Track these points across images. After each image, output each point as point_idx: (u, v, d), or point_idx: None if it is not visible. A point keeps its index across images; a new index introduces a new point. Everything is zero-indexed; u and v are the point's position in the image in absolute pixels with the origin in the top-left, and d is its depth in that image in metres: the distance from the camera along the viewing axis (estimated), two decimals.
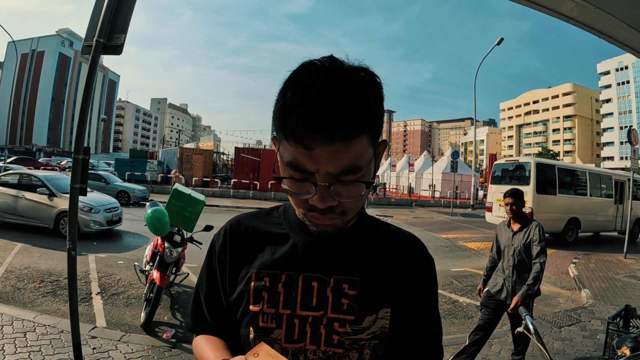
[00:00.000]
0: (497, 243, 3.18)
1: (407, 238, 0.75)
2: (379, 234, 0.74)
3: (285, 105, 0.56)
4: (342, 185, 0.58)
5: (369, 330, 0.65)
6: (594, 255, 8.94)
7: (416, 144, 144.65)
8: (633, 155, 9.24)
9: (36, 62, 72.59)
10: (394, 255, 0.71)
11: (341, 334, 0.65)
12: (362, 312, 0.66)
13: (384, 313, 0.67)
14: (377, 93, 0.59)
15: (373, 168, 0.63)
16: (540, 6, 1.97)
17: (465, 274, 6.77)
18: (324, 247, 0.69)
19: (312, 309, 0.66)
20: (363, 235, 0.72)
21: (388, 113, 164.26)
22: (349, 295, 0.66)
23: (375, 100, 0.58)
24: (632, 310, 2.74)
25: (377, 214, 16.01)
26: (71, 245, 2.57)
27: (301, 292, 0.67)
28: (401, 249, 0.73)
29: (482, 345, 3.15)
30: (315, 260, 0.68)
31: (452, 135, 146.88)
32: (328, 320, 0.65)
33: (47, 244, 6.87)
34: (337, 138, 0.54)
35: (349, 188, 0.59)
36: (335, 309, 0.66)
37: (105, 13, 2.58)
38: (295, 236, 0.71)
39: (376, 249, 0.71)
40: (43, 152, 57.25)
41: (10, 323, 3.49)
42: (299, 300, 0.66)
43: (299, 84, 0.56)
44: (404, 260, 0.71)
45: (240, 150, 22.98)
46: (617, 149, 67.76)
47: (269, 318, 0.66)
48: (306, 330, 0.65)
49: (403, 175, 34.23)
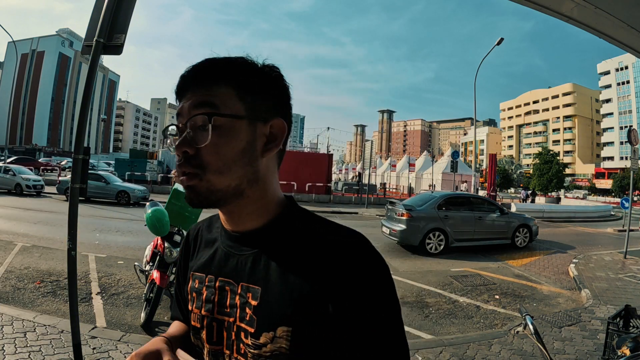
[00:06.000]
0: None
1: (341, 243, 0.60)
2: (307, 236, 0.62)
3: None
4: (198, 129, 0.58)
5: (266, 348, 0.59)
6: (594, 255, 8.93)
7: (416, 144, 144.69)
8: (633, 155, 9.24)
9: (36, 62, 72.57)
10: (311, 264, 0.59)
11: (246, 345, 0.61)
12: (260, 326, 0.59)
13: (282, 332, 0.58)
14: (251, 66, 0.63)
15: (251, 135, 0.61)
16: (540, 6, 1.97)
17: (465, 274, 6.77)
18: (237, 250, 0.66)
19: (226, 314, 0.64)
20: (283, 237, 0.63)
21: (388, 113, 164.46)
22: (252, 305, 0.61)
23: (246, 64, 0.62)
24: (632, 310, 2.73)
25: (378, 214, 16.02)
26: (71, 245, 2.57)
27: (218, 296, 0.66)
28: (324, 257, 0.59)
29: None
30: (229, 264, 0.66)
31: (452, 135, 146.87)
32: (237, 328, 0.63)
33: (47, 244, 6.88)
34: (195, 82, 0.60)
35: (204, 131, 0.58)
36: (241, 317, 0.62)
37: (105, 13, 2.57)
38: (220, 239, 0.70)
39: (290, 255, 0.61)
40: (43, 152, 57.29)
41: (10, 323, 3.49)
42: (216, 304, 0.66)
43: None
44: (325, 270, 0.58)
45: None
46: (617, 149, 67.77)
47: (196, 318, 0.68)
48: (223, 334, 0.65)
49: (403, 175, 34.21)
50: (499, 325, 4.48)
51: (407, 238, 8.51)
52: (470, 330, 4.28)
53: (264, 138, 0.63)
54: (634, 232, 11.27)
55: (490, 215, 9.37)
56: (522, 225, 9.62)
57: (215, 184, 0.59)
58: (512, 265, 7.78)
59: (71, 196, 2.66)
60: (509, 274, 7.04)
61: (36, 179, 16.50)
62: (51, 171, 27.36)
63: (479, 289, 5.91)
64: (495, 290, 5.93)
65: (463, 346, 3.70)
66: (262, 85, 0.62)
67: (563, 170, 51.78)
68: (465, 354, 3.54)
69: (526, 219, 9.88)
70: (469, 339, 3.92)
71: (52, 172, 26.80)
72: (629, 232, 9.28)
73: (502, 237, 9.43)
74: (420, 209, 8.72)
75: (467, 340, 3.85)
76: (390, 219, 9.11)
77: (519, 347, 3.68)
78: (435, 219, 8.59)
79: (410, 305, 5.01)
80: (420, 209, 8.72)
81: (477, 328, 4.38)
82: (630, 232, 9.35)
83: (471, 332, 4.21)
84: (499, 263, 7.93)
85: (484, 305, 5.17)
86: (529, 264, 7.96)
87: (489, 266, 7.58)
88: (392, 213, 9.03)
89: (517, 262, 8.02)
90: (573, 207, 22.31)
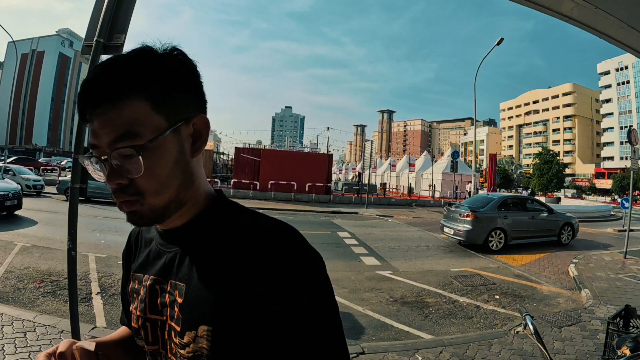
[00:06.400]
0: None
1: (269, 238, 0.57)
2: (234, 231, 0.59)
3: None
4: (126, 158, 0.53)
5: (189, 347, 0.57)
6: (594, 255, 8.93)
7: (416, 144, 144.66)
8: (633, 155, 9.24)
9: (36, 62, 72.61)
10: (236, 260, 0.56)
11: (175, 344, 0.59)
12: (184, 324, 0.57)
13: (202, 331, 0.55)
14: (155, 62, 0.56)
15: (178, 142, 0.57)
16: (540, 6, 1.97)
17: (465, 274, 6.77)
18: (166, 248, 0.64)
19: (158, 313, 0.62)
20: (209, 232, 0.61)
21: (388, 113, 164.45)
22: (178, 303, 0.59)
23: (152, 63, 0.56)
24: (632, 310, 2.73)
25: (377, 214, 16.03)
26: (71, 245, 2.57)
27: (149, 295, 0.64)
28: (250, 253, 0.56)
29: None
30: (160, 262, 0.64)
31: (452, 135, 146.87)
32: (169, 327, 0.61)
33: (47, 244, 6.87)
34: (102, 101, 0.53)
35: (134, 161, 0.53)
36: (171, 316, 0.60)
37: (105, 13, 2.57)
38: (155, 238, 0.68)
39: (214, 251, 0.59)
40: (43, 152, 57.28)
41: (10, 323, 3.49)
42: (148, 303, 0.64)
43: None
44: (251, 267, 0.55)
45: (240, 150, 22.96)
46: (617, 149, 67.79)
47: (134, 319, 0.66)
48: (157, 333, 0.63)
49: (403, 175, 34.21)
50: (499, 325, 4.48)
51: (472, 237, 9.08)
52: (470, 330, 4.28)
53: (190, 139, 0.59)
54: (634, 232, 11.29)
55: (540, 214, 10.10)
56: (566, 224, 10.42)
57: (155, 204, 0.57)
58: (512, 265, 7.78)
59: (71, 196, 2.66)
60: (509, 274, 7.04)
61: (36, 179, 16.50)
62: (51, 171, 27.33)
63: (479, 289, 5.91)
64: (495, 290, 5.93)
65: (463, 346, 3.70)
66: (173, 83, 0.57)
67: (563, 170, 51.86)
68: (465, 354, 3.54)
69: (569, 218, 10.64)
70: (469, 339, 3.92)
71: (52, 172, 26.78)
72: (629, 232, 9.28)
73: (551, 234, 10.21)
74: (484, 210, 9.30)
75: (467, 340, 3.85)
76: (453, 219, 9.63)
77: (519, 347, 3.68)
78: (496, 219, 9.21)
79: (410, 305, 5.01)
80: (484, 210, 9.30)
81: (477, 328, 4.38)
82: (630, 232, 9.36)
83: (471, 332, 4.21)
84: (499, 263, 7.93)
85: (484, 305, 5.17)
86: (529, 264, 7.96)
87: (489, 266, 7.58)
88: (455, 214, 9.60)
89: (517, 262, 8.02)
90: (573, 207, 22.29)
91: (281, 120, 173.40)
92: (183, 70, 0.58)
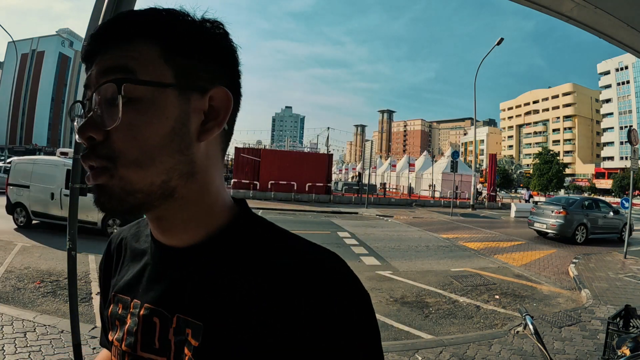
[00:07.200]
0: None
1: (315, 265, 0.46)
2: (268, 254, 0.47)
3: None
4: (108, 106, 0.41)
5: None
6: (594, 255, 8.94)
7: (416, 144, 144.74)
8: (633, 155, 9.24)
9: (36, 62, 72.68)
10: (275, 293, 0.44)
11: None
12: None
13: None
14: (184, 18, 0.46)
15: (179, 107, 0.44)
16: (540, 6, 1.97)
17: (465, 274, 6.77)
18: (173, 271, 0.49)
19: (154, 352, 0.48)
20: (235, 255, 0.48)
21: (388, 113, 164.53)
22: (192, 345, 0.45)
23: (175, 19, 0.46)
24: (632, 310, 2.73)
25: (377, 214, 16.03)
26: (71, 245, 2.57)
27: (142, 328, 0.49)
28: (287, 285, 0.44)
29: None
30: (160, 289, 0.49)
31: (452, 135, 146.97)
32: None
33: (47, 244, 6.88)
34: (109, 41, 0.44)
35: (113, 110, 0.41)
36: (177, 358, 0.46)
37: (105, 13, 2.57)
38: (150, 252, 0.53)
39: (245, 280, 0.45)
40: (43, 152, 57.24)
41: (10, 323, 3.49)
42: (139, 339, 0.49)
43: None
44: (288, 302, 0.43)
45: (240, 150, 22.95)
46: (617, 149, 67.85)
47: (116, 353, 0.52)
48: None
49: (403, 175, 34.23)
50: (499, 325, 4.48)
51: (563, 231, 10.83)
52: (470, 330, 4.28)
53: (201, 115, 0.45)
54: (634, 232, 11.36)
55: (609, 214, 11.88)
56: (626, 224, 11.36)
57: (132, 181, 0.42)
58: (512, 265, 7.78)
59: (71, 196, 2.66)
60: (509, 274, 7.04)
61: None
62: None
63: (479, 289, 5.91)
64: (495, 290, 5.93)
65: (463, 346, 3.70)
66: (198, 44, 0.45)
67: (563, 170, 51.89)
68: (465, 354, 3.54)
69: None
70: (469, 339, 3.92)
71: None
72: (629, 232, 9.29)
73: (615, 232, 12.05)
74: (572, 208, 11.12)
75: (467, 340, 3.85)
76: (544, 215, 11.46)
77: (519, 347, 3.68)
78: (581, 216, 11.07)
79: (410, 305, 5.01)
80: (572, 208, 11.12)
81: (477, 328, 4.39)
82: (630, 232, 9.37)
83: (471, 332, 4.21)
84: (499, 263, 7.93)
85: (484, 305, 5.17)
86: (529, 264, 7.96)
87: (489, 266, 7.58)
88: (546, 211, 11.43)
89: (517, 262, 8.02)
90: None
91: (281, 120, 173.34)
92: (213, 35, 0.47)
